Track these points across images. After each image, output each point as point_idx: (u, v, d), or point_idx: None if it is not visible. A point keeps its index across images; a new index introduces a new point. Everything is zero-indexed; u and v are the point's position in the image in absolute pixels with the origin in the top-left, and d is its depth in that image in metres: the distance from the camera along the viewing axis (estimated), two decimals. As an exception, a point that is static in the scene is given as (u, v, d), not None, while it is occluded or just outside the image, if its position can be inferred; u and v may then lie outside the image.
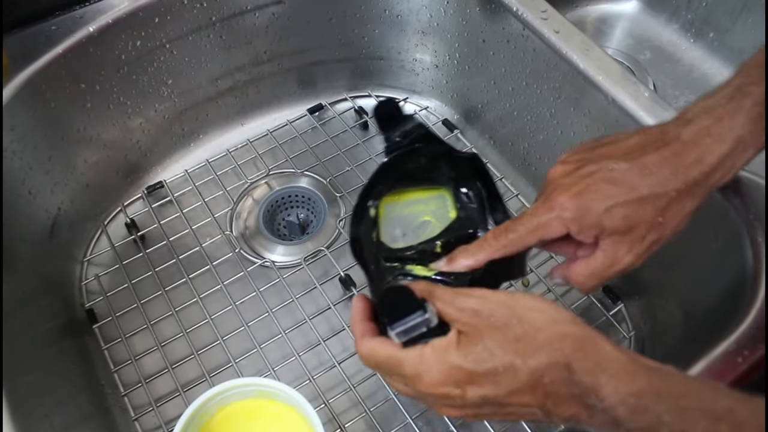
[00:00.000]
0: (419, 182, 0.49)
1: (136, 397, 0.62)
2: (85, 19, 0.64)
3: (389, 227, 0.48)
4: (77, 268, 0.71)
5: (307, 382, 0.61)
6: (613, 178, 0.42)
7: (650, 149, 0.42)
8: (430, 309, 0.38)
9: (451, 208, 0.49)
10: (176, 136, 0.78)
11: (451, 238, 0.47)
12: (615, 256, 0.43)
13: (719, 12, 0.83)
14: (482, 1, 0.69)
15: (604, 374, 0.34)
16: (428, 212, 0.49)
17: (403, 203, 0.49)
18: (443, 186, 0.49)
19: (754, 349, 0.44)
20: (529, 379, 0.36)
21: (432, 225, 0.48)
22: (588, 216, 0.42)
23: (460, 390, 0.37)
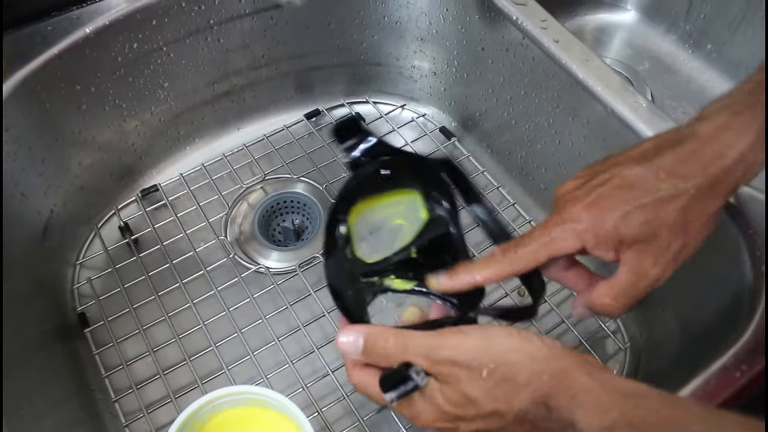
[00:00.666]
0: (388, 189, 0.48)
1: (127, 402, 0.61)
2: (82, 20, 0.64)
3: (362, 237, 0.47)
4: (69, 271, 0.70)
5: (300, 390, 0.61)
6: (627, 183, 0.39)
7: (664, 149, 0.40)
8: (416, 372, 0.38)
9: (421, 208, 0.48)
10: (172, 139, 0.77)
11: (425, 241, 0.47)
12: (640, 270, 0.40)
13: (718, 24, 0.83)
14: (482, 10, 0.69)
15: (579, 408, 0.34)
16: (399, 215, 0.48)
17: (373, 209, 0.48)
18: (412, 188, 0.48)
19: (752, 364, 0.44)
20: (514, 419, 0.36)
21: (404, 229, 0.48)
22: (603, 225, 0.39)
23: (453, 425, 0.38)
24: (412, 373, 0.38)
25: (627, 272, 0.40)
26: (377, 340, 0.40)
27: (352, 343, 0.41)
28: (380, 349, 0.40)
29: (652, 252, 0.40)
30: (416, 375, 0.38)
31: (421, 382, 0.38)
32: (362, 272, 0.46)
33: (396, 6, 0.76)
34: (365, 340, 0.41)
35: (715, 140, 0.39)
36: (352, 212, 0.47)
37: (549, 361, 0.36)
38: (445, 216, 0.47)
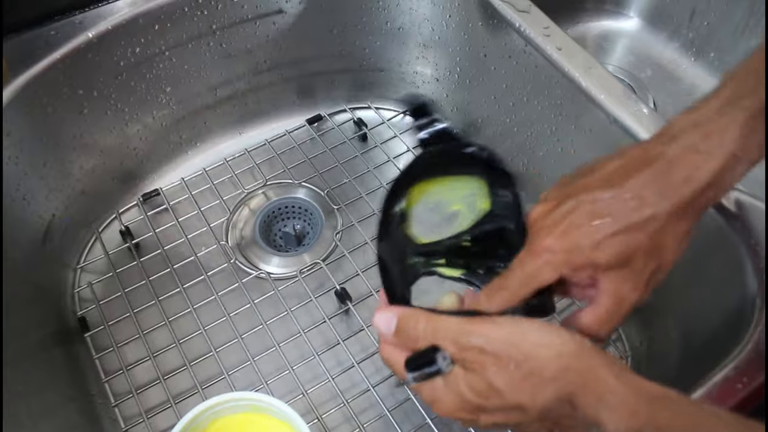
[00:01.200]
0: (452, 172, 0.47)
1: (127, 408, 0.61)
2: (84, 25, 0.64)
3: (418, 217, 0.47)
4: (70, 275, 0.70)
5: (301, 396, 0.61)
6: (596, 209, 0.39)
7: (633, 171, 0.40)
8: (443, 358, 0.38)
9: (483, 197, 0.47)
10: (173, 144, 0.77)
11: (481, 232, 0.46)
12: (619, 296, 0.40)
13: (721, 32, 0.83)
14: (485, 17, 0.69)
15: (606, 409, 0.34)
16: (459, 201, 0.47)
17: (434, 191, 0.47)
18: (475, 176, 0.47)
19: (754, 375, 0.44)
20: (537, 415, 0.36)
21: (462, 215, 0.47)
22: (578, 255, 0.39)
23: (472, 416, 0.38)
24: (438, 357, 0.38)
25: (607, 299, 0.41)
26: (409, 321, 0.40)
27: (386, 322, 0.41)
28: (411, 330, 0.40)
29: (629, 277, 0.40)
30: (442, 360, 0.38)
31: (445, 367, 0.38)
32: (412, 252, 0.46)
33: (399, 12, 0.76)
34: (398, 321, 0.41)
35: (683, 163, 0.39)
36: (414, 190, 0.46)
37: (576, 358, 0.36)
38: (505, 210, 0.46)
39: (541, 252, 0.40)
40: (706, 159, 0.38)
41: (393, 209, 0.46)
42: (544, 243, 0.40)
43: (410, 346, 0.40)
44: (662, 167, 0.39)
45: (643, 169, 0.39)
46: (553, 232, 0.40)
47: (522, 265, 0.41)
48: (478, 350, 0.37)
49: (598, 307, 0.41)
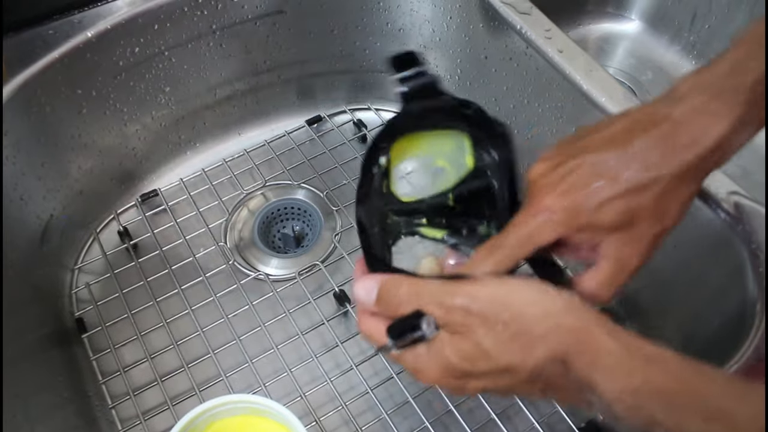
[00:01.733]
0: (433, 126, 0.45)
1: (124, 409, 0.61)
2: (83, 24, 0.64)
3: (401, 173, 0.45)
4: (68, 276, 0.70)
5: (299, 398, 0.60)
6: (599, 170, 0.38)
7: (638, 132, 0.38)
8: (427, 323, 0.36)
9: (468, 153, 0.45)
10: (172, 144, 0.77)
11: (465, 190, 0.44)
12: (621, 259, 0.39)
13: (721, 35, 0.83)
14: (486, 18, 0.69)
15: (600, 371, 0.33)
16: (443, 155, 0.45)
17: (418, 145, 0.45)
18: (460, 131, 0.45)
19: (755, 380, 0.44)
20: (527, 377, 0.35)
21: (447, 172, 0.45)
22: (579, 216, 0.38)
23: (459, 382, 0.37)
24: (423, 322, 0.36)
25: (608, 262, 0.40)
26: (391, 287, 0.39)
27: (366, 291, 0.40)
28: (393, 296, 0.38)
29: (631, 240, 0.39)
30: (426, 325, 0.36)
31: (429, 333, 0.36)
32: (393, 209, 0.45)
33: (399, 13, 0.76)
34: (380, 288, 0.39)
35: (690, 125, 0.37)
36: (396, 146, 0.44)
37: (566, 315, 0.35)
38: (492, 168, 0.44)
39: (540, 211, 0.39)
40: (714, 121, 0.37)
41: (373, 167, 0.44)
42: (543, 202, 0.39)
43: (392, 314, 0.38)
44: (668, 129, 0.38)
45: (648, 130, 0.38)
46: (554, 192, 0.39)
47: (520, 224, 0.40)
48: (464, 311, 0.35)
49: (598, 270, 0.40)
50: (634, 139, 0.38)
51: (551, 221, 0.39)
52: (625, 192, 0.38)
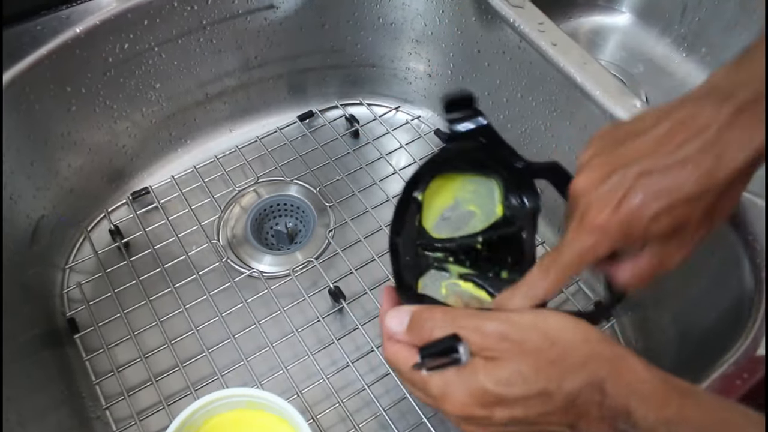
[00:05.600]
0: (470, 170, 0.47)
1: (118, 409, 0.60)
2: (72, 20, 0.63)
3: (433, 211, 0.47)
4: (59, 275, 0.69)
5: (295, 396, 0.60)
6: (651, 181, 0.37)
7: (685, 136, 0.37)
8: (463, 350, 0.36)
9: (498, 202, 0.47)
10: (163, 141, 0.76)
11: (494, 235, 0.46)
12: (663, 257, 0.39)
13: (712, 27, 0.83)
14: (478, 12, 0.68)
15: (636, 398, 0.33)
16: (475, 202, 0.47)
17: (452, 186, 0.47)
18: (493, 179, 0.47)
19: (753, 372, 0.44)
20: (563, 403, 0.34)
21: (476, 217, 0.47)
22: (633, 229, 0.37)
23: (486, 411, 0.36)
24: (460, 346, 0.36)
25: (650, 259, 0.40)
26: (424, 313, 0.39)
27: (399, 321, 0.39)
28: (426, 321, 0.38)
29: (678, 243, 0.39)
30: (462, 348, 0.36)
31: (465, 356, 0.36)
32: (423, 244, 0.46)
33: (391, 7, 0.75)
34: (412, 316, 0.39)
35: (739, 126, 0.36)
36: (432, 184, 0.46)
37: (603, 344, 0.35)
38: (521, 217, 0.46)
39: (595, 228, 0.38)
40: (760, 121, 0.36)
41: (411, 199, 0.46)
42: (598, 219, 0.38)
43: (424, 339, 0.38)
44: (716, 132, 0.36)
45: (697, 134, 0.36)
46: (607, 207, 0.38)
47: (576, 240, 0.39)
48: (501, 337, 0.35)
49: (638, 263, 0.40)
50: (683, 144, 0.37)
51: (605, 238, 0.38)
52: (678, 203, 0.37)
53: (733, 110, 0.36)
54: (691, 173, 0.36)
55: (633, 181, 0.37)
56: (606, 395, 0.34)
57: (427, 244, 0.46)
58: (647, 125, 0.39)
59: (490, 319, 0.36)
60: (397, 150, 0.78)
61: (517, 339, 0.35)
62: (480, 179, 0.47)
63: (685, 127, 0.37)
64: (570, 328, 0.36)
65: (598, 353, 0.35)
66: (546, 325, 0.36)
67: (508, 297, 0.40)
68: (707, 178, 0.36)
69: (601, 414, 0.34)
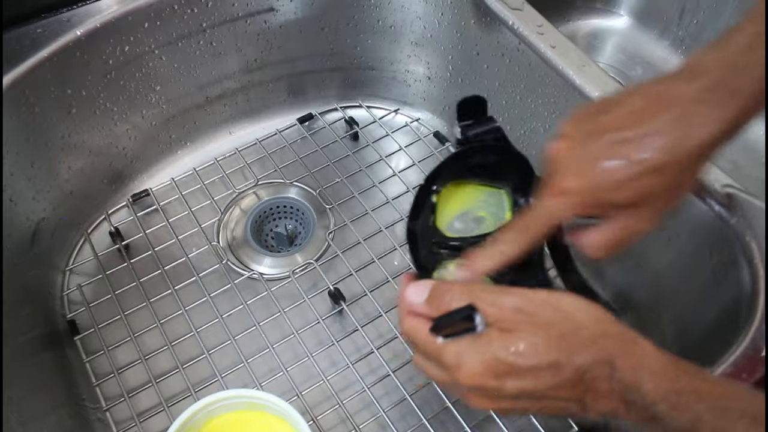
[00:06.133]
0: (482, 177, 0.49)
1: (119, 411, 0.60)
2: (73, 23, 0.63)
3: (447, 214, 0.48)
4: (59, 277, 0.69)
5: (295, 397, 0.60)
6: (619, 149, 0.38)
7: (658, 110, 0.38)
8: (479, 319, 0.37)
9: (507, 210, 0.48)
10: (163, 144, 0.77)
11: None
12: (626, 228, 0.41)
13: (710, 30, 0.84)
14: (477, 14, 0.69)
15: (646, 371, 0.34)
16: (485, 209, 0.49)
17: (464, 194, 0.49)
18: (503, 188, 0.49)
19: (752, 372, 0.44)
20: (572, 376, 0.35)
21: (487, 222, 0.48)
22: (596, 195, 0.39)
23: (498, 382, 0.36)
24: (476, 315, 0.37)
25: (614, 229, 0.41)
26: (443, 286, 0.40)
27: (418, 293, 0.41)
28: (445, 293, 0.39)
29: (640, 214, 0.40)
30: (479, 318, 0.37)
31: (481, 326, 0.37)
32: (437, 241, 0.47)
33: (390, 10, 0.75)
34: (432, 289, 0.40)
35: (706, 104, 0.37)
36: (446, 187, 0.48)
37: (614, 324, 0.36)
38: None
39: (561, 192, 0.40)
40: (733, 97, 0.37)
41: (426, 199, 0.47)
42: (564, 183, 0.40)
43: (442, 310, 0.39)
44: (686, 107, 0.38)
45: (668, 107, 0.38)
46: (574, 172, 0.39)
47: (542, 204, 0.41)
48: (516, 309, 0.36)
49: (602, 232, 0.41)
50: (653, 117, 0.38)
51: (568, 202, 0.40)
52: (643, 172, 0.38)
53: (704, 87, 0.37)
54: (656, 145, 0.38)
55: (605, 149, 0.39)
56: (616, 369, 0.34)
57: (440, 242, 0.47)
58: (623, 98, 0.40)
59: (507, 293, 0.37)
60: (397, 152, 0.78)
61: (531, 312, 0.36)
62: (489, 187, 0.49)
63: (658, 101, 0.39)
64: (583, 308, 0.36)
65: (609, 332, 0.35)
66: (560, 302, 0.37)
67: (479, 254, 0.42)
68: (674, 149, 0.38)
69: (610, 387, 0.35)
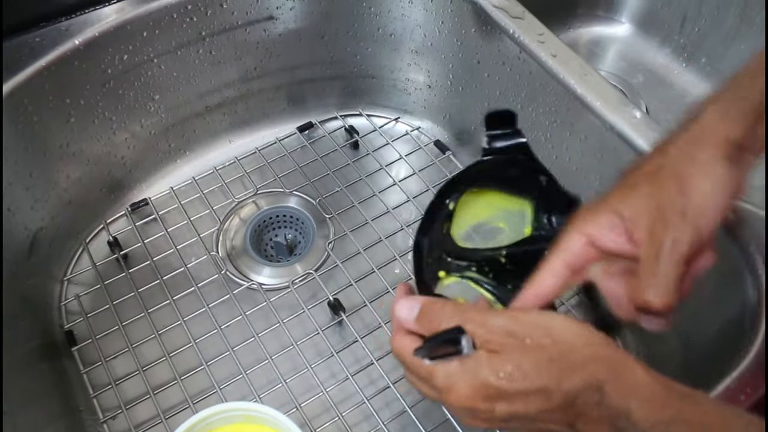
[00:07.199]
0: (505, 188, 0.48)
1: (116, 423, 0.60)
2: (71, 32, 0.63)
3: (462, 222, 0.48)
4: (57, 287, 0.69)
5: (294, 409, 0.59)
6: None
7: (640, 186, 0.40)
8: (465, 342, 0.37)
9: (528, 223, 0.48)
10: (162, 153, 0.76)
11: (519, 251, 0.46)
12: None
13: (712, 38, 0.83)
14: (478, 23, 0.68)
15: (636, 399, 0.34)
16: (504, 219, 0.48)
17: (484, 201, 0.48)
18: (527, 200, 0.48)
19: (756, 386, 0.43)
20: (562, 401, 0.35)
21: (504, 234, 0.48)
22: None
23: (488, 404, 0.36)
24: (462, 338, 0.36)
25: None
26: (434, 305, 0.40)
27: (409, 309, 0.41)
28: (435, 313, 0.39)
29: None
30: (465, 341, 0.36)
31: (467, 348, 0.37)
32: (448, 250, 0.47)
33: (390, 18, 0.75)
34: (422, 306, 0.40)
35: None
36: (465, 194, 0.47)
37: (605, 347, 0.36)
38: (548, 238, 0.46)
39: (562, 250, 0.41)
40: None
41: (443, 205, 0.47)
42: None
43: (432, 330, 0.39)
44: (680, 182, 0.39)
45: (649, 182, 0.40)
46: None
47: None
48: (505, 332, 0.36)
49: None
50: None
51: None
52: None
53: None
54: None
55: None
56: (605, 395, 0.34)
57: (452, 251, 0.47)
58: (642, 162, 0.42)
59: (497, 315, 0.37)
60: (397, 161, 0.78)
61: (521, 335, 0.36)
62: (513, 198, 0.48)
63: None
64: (573, 330, 0.36)
65: (599, 356, 0.35)
66: (550, 324, 0.36)
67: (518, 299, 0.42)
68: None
69: (599, 414, 0.34)
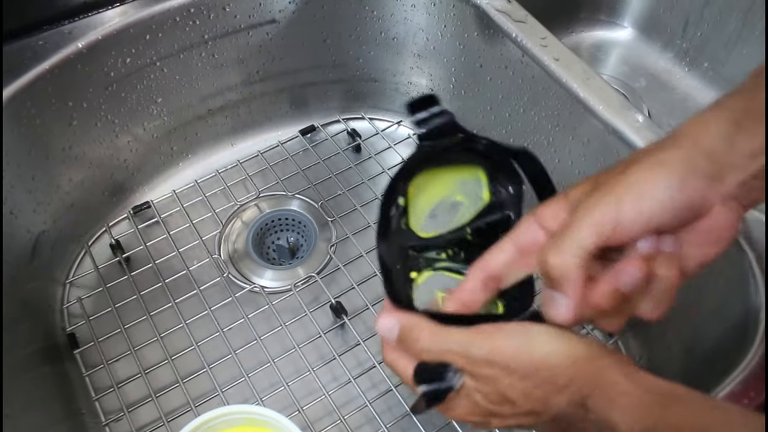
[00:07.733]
0: (452, 163, 0.46)
1: (118, 426, 0.60)
2: (74, 35, 0.63)
3: (419, 210, 0.46)
4: (59, 290, 0.69)
5: (296, 412, 0.59)
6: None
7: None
8: (453, 374, 0.38)
9: (485, 187, 0.46)
10: (164, 156, 0.76)
11: (483, 224, 0.46)
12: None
13: (714, 42, 0.83)
14: (481, 26, 0.68)
15: (617, 411, 0.34)
16: (460, 190, 0.46)
17: (435, 181, 0.46)
18: (476, 165, 0.46)
19: (760, 391, 0.43)
20: (550, 419, 0.37)
21: (464, 207, 0.47)
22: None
23: (484, 419, 0.39)
24: (449, 374, 0.37)
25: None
26: (412, 331, 0.39)
27: (388, 329, 0.40)
28: (414, 341, 0.39)
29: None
30: (452, 375, 0.38)
31: (456, 383, 0.38)
32: (412, 245, 0.46)
33: (393, 22, 0.75)
34: (401, 329, 0.40)
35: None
36: (413, 183, 0.46)
37: (588, 361, 0.36)
38: (507, 201, 0.45)
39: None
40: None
41: (391, 207, 0.44)
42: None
43: (415, 357, 0.39)
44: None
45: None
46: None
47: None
48: (488, 363, 0.37)
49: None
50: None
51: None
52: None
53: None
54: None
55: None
56: (589, 411, 0.35)
57: (416, 245, 0.46)
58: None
59: (477, 345, 0.37)
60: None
61: (504, 365, 0.36)
62: (461, 169, 0.46)
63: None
64: (555, 351, 0.36)
65: (582, 373, 0.36)
66: (532, 349, 0.36)
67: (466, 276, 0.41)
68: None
69: (587, 426, 0.35)
